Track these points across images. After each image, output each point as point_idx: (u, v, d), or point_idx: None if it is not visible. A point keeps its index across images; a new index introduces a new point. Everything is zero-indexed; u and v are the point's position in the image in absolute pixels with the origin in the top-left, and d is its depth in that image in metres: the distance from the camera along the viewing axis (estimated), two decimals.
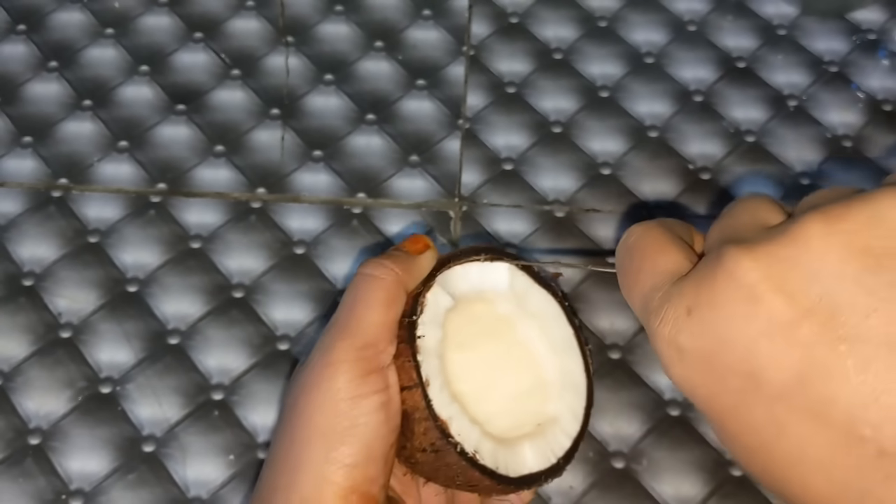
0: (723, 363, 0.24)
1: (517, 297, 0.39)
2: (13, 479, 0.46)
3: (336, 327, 0.36)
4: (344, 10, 0.61)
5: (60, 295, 0.51)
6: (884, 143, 0.55)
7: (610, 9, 0.61)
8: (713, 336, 0.24)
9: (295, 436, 0.35)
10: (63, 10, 0.61)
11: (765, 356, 0.23)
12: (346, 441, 0.34)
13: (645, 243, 0.30)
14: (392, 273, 0.36)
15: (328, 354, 0.35)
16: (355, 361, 0.35)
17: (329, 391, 0.34)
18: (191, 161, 0.55)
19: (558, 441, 0.38)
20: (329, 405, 0.34)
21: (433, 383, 0.36)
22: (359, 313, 0.35)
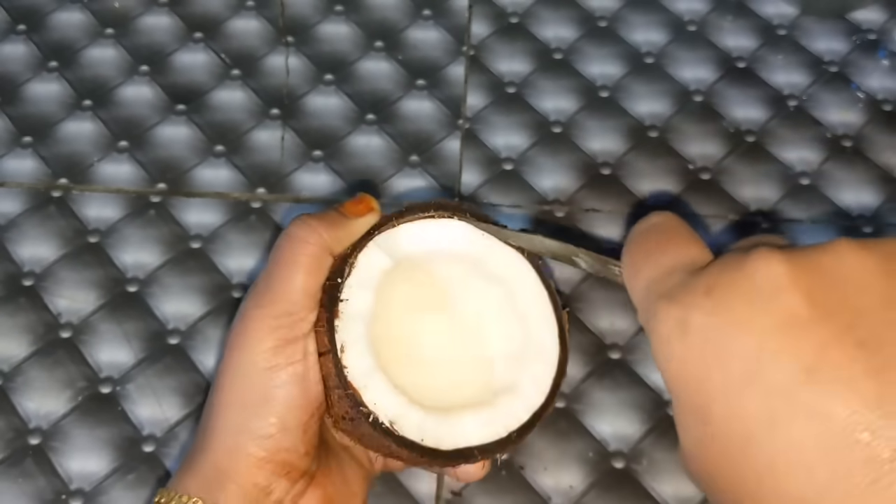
0: (730, 346, 0.24)
1: (476, 259, 0.37)
2: (13, 479, 0.46)
3: (255, 292, 0.35)
4: (344, 10, 0.61)
5: (60, 295, 0.51)
6: (884, 143, 0.55)
7: (610, 9, 0.61)
8: (727, 317, 0.24)
9: (213, 401, 0.35)
10: (63, 10, 0.61)
11: (775, 346, 0.23)
12: (259, 412, 0.34)
13: (663, 228, 0.29)
14: (317, 236, 0.35)
15: (245, 321, 0.35)
16: (272, 330, 0.34)
17: (244, 361, 0.34)
18: (191, 161, 0.55)
19: (514, 413, 0.36)
20: (244, 375, 0.34)
21: (351, 350, 0.34)
22: (277, 279, 0.35)
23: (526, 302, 0.37)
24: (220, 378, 0.35)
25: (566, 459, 0.46)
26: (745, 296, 0.24)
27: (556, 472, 0.46)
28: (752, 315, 0.24)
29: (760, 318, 0.24)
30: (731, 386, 0.24)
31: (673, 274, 0.27)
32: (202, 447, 0.35)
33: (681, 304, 0.26)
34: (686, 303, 0.25)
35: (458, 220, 0.37)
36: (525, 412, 0.36)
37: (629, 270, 0.29)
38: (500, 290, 0.37)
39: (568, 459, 0.46)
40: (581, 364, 0.48)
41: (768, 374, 0.23)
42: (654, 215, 0.30)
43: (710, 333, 0.25)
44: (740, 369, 0.24)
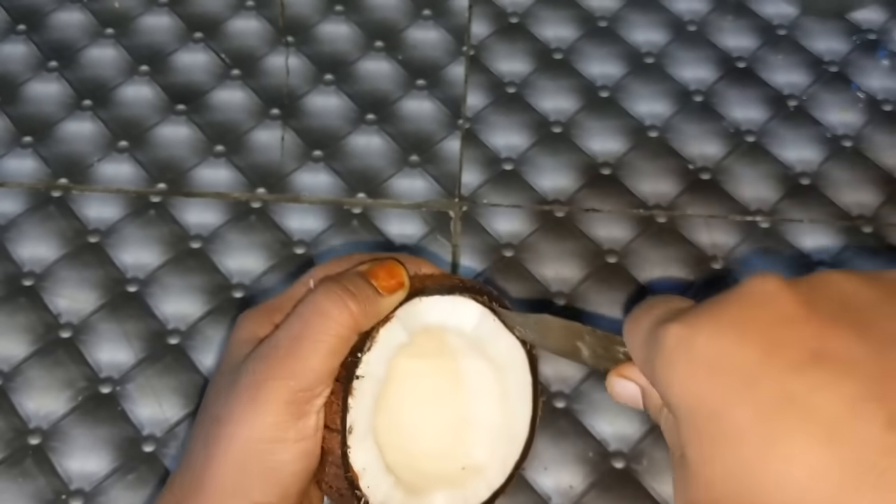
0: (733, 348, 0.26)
1: (480, 340, 0.38)
2: (13, 479, 0.46)
3: (273, 358, 0.34)
4: (344, 10, 0.61)
5: (60, 295, 0.51)
6: (884, 143, 0.55)
7: (610, 9, 0.61)
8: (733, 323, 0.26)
9: (210, 454, 0.34)
10: (63, 10, 0.61)
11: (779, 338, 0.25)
12: (263, 481, 0.33)
13: (661, 296, 0.31)
14: (348, 315, 0.34)
15: (260, 390, 0.33)
16: (286, 405, 0.33)
17: (253, 428, 0.33)
18: (191, 161, 0.55)
19: (476, 491, 0.38)
20: (250, 441, 0.33)
21: (357, 428, 0.34)
22: (299, 354, 0.33)
23: (513, 386, 0.38)
24: (220, 435, 0.34)
25: (566, 459, 0.46)
26: (746, 303, 0.26)
27: (556, 472, 0.46)
28: (755, 316, 0.26)
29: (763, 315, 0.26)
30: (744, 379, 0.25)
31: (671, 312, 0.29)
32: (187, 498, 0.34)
33: (684, 323, 0.27)
34: (690, 321, 0.27)
35: (474, 301, 0.37)
36: (486, 491, 0.38)
37: (629, 329, 0.30)
38: (494, 371, 0.38)
39: (568, 459, 0.46)
40: (581, 364, 0.48)
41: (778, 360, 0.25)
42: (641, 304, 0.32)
43: (717, 341, 0.26)
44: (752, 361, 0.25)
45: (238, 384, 0.34)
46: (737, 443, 0.25)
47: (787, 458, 0.24)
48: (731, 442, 0.25)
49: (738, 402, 0.25)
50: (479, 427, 0.39)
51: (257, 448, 0.33)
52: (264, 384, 0.33)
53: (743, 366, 0.25)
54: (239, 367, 0.35)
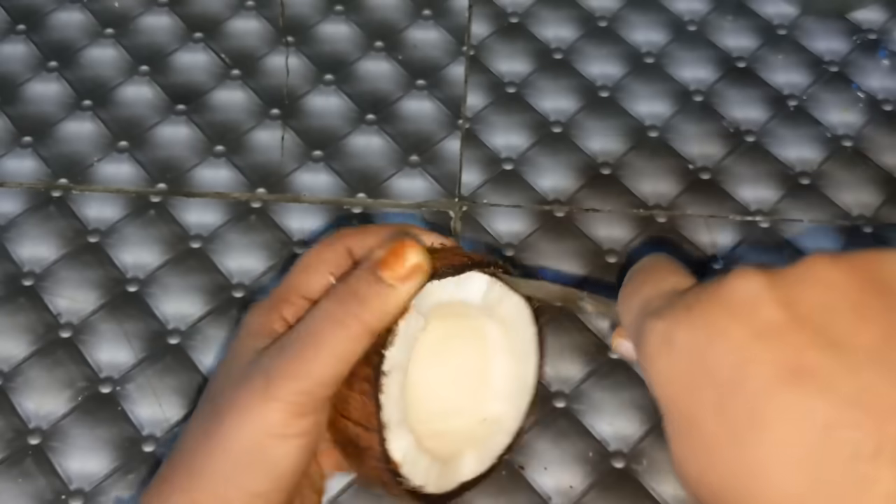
0: (713, 356, 0.25)
1: (488, 304, 0.38)
2: (13, 479, 0.46)
3: (284, 360, 0.34)
4: (344, 10, 0.61)
5: (60, 295, 0.51)
6: (884, 143, 0.55)
7: (610, 9, 0.61)
8: (709, 329, 0.25)
9: (211, 443, 0.34)
10: (63, 10, 0.61)
11: (756, 352, 0.24)
12: (259, 473, 0.33)
13: (655, 263, 0.31)
14: (359, 325, 0.33)
15: (268, 387, 0.33)
16: (292, 403, 0.33)
17: (258, 422, 0.33)
18: (191, 161, 0.55)
19: (497, 440, 0.40)
20: (254, 436, 0.33)
21: (391, 420, 0.35)
22: (310, 358, 0.33)
23: (520, 341, 0.40)
24: (221, 424, 0.34)
25: (566, 459, 0.46)
26: (724, 308, 0.25)
27: (556, 472, 0.46)
28: (732, 325, 0.25)
29: (740, 327, 0.25)
30: (717, 394, 0.25)
31: (658, 297, 0.28)
32: (181, 485, 0.34)
33: (665, 319, 0.27)
34: (670, 319, 0.27)
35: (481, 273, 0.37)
36: (506, 437, 0.40)
37: (622, 306, 0.31)
38: (501, 329, 0.39)
39: (568, 459, 0.46)
40: (581, 364, 0.49)
41: (751, 380, 0.24)
42: (645, 257, 0.32)
43: (694, 346, 0.26)
44: (725, 378, 0.25)
45: (248, 378, 0.34)
46: (710, 454, 0.25)
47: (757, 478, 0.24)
48: (706, 452, 0.26)
49: (713, 416, 0.25)
50: (495, 381, 0.40)
51: (260, 442, 0.33)
52: (273, 382, 0.33)
53: (718, 380, 0.25)
54: (251, 361, 0.35)
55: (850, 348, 0.23)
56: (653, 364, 0.27)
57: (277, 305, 0.36)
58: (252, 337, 0.36)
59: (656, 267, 0.31)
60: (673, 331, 0.26)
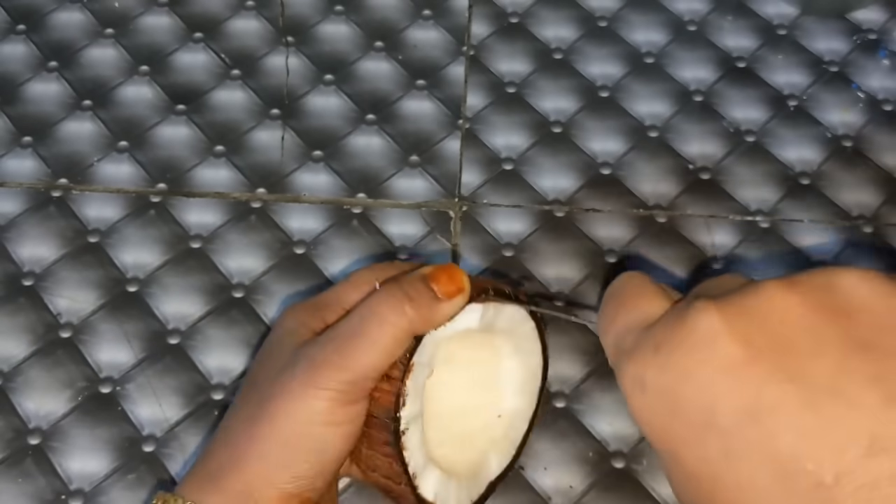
0: (683, 398, 0.26)
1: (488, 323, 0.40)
2: (13, 479, 0.46)
3: (332, 351, 0.36)
4: (344, 10, 0.61)
5: (60, 295, 0.51)
6: (884, 143, 0.55)
7: (610, 9, 0.61)
8: (676, 372, 0.26)
9: (257, 429, 0.36)
10: (63, 10, 0.61)
11: (720, 392, 0.25)
12: (305, 457, 0.35)
13: (625, 288, 0.32)
14: (406, 321, 0.36)
15: (315, 375, 0.35)
16: (339, 391, 0.35)
17: (305, 410, 0.35)
18: (191, 161, 0.55)
19: (517, 428, 0.42)
20: (301, 422, 0.35)
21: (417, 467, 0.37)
22: (358, 350, 0.35)
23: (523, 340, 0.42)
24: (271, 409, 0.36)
25: (566, 459, 0.46)
26: (687, 348, 0.26)
27: (556, 472, 0.46)
28: (695, 365, 0.26)
29: (703, 367, 0.26)
30: (691, 433, 0.26)
31: (630, 332, 0.29)
32: (229, 466, 0.36)
33: (635, 362, 0.28)
34: (639, 361, 0.28)
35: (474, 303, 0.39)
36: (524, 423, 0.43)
37: (602, 338, 0.32)
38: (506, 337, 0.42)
39: (568, 459, 0.46)
40: (581, 364, 0.48)
41: (719, 418, 0.25)
42: (619, 277, 0.33)
43: (663, 388, 0.27)
44: (695, 418, 0.26)
45: (295, 367, 0.36)
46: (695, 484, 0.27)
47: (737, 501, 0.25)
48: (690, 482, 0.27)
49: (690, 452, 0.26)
50: (506, 380, 0.42)
51: (307, 428, 0.35)
52: (319, 371, 0.35)
53: (690, 419, 0.26)
54: (296, 352, 0.36)
55: (807, 381, 0.24)
56: (630, 403, 0.28)
57: (320, 310, 0.39)
58: (293, 333, 0.38)
59: (626, 293, 0.31)
60: (643, 374, 0.27)
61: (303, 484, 0.35)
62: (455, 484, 0.39)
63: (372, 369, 0.35)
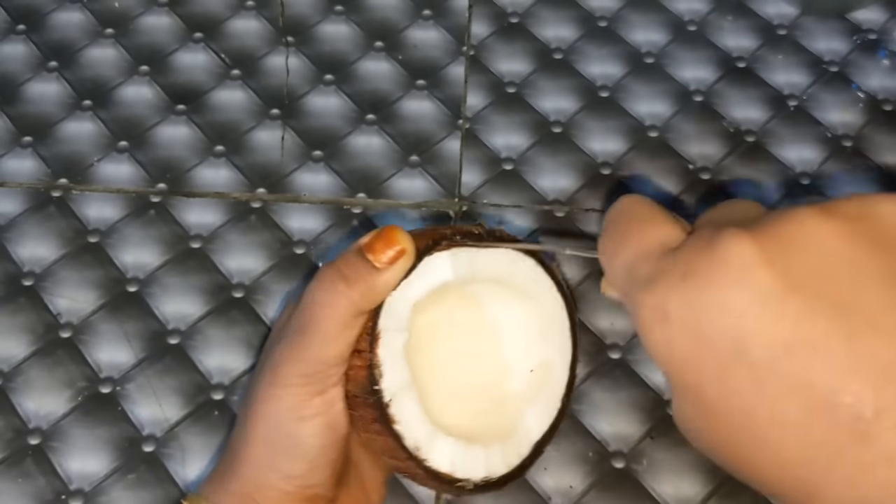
0: (712, 328, 0.25)
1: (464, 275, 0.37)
2: (13, 479, 0.46)
3: (286, 345, 0.35)
4: (344, 10, 0.61)
5: (60, 295, 0.51)
6: (884, 143, 0.55)
7: (610, 9, 0.61)
8: (705, 302, 0.25)
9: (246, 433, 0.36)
10: (63, 10, 0.61)
11: (753, 325, 0.24)
12: (288, 455, 0.35)
13: (633, 211, 0.30)
14: (345, 301, 0.34)
15: (275, 375, 0.35)
16: (301, 386, 0.35)
17: (274, 410, 0.35)
18: (191, 161, 0.55)
19: (557, 379, 0.39)
20: (273, 423, 0.35)
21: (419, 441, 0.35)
22: (308, 339, 0.34)
23: (523, 280, 0.38)
24: (248, 415, 0.36)
25: (566, 459, 0.46)
26: (719, 278, 0.25)
27: (556, 472, 0.46)
28: (728, 296, 0.25)
29: (736, 297, 0.24)
30: (719, 366, 0.25)
31: (645, 258, 0.28)
32: (232, 471, 0.36)
33: (656, 291, 0.26)
34: (661, 290, 0.26)
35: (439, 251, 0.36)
36: (564, 371, 0.39)
37: (605, 256, 0.30)
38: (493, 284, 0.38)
39: (568, 459, 0.46)
40: (581, 364, 0.48)
41: (751, 352, 0.24)
42: (622, 200, 0.31)
43: (690, 318, 0.25)
44: (725, 349, 0.25)
45: (263, 370, 0.36)
46: (713, 419, 0.26)
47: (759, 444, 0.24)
48: (708, 416, 0.26)
49: (714, 385, 0.25)
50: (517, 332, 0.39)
51: (283, 426, 0.35)
52: (279, 369, 0.35)
53: (718, 351, 0.25)
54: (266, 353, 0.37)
55: (846, 314, 0.23)
56: (649, 336, 0.27)
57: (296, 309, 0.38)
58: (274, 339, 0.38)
59: (635, 217, 0.30)
60: (666, 303, 0.26)
61: (298, 482, 0.35)
62: (483, 450, 0.37)
63: (327, 356, 0.34)
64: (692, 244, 0.26)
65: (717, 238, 0.25)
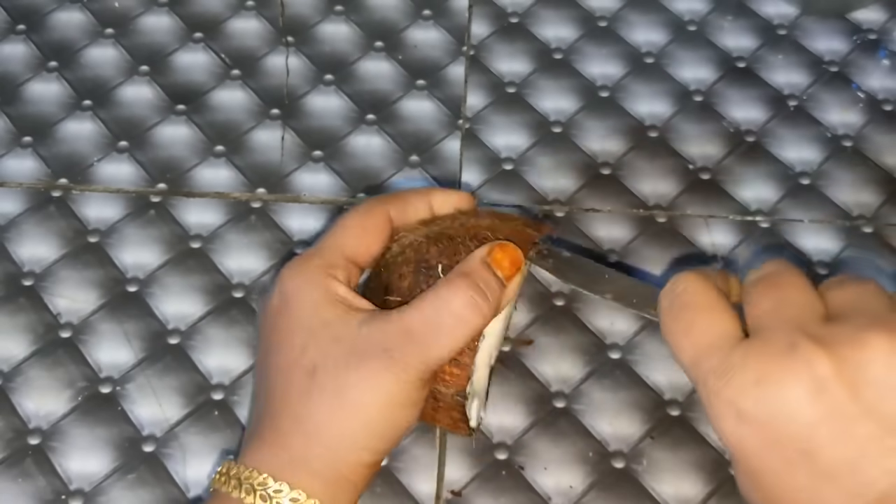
0: (781, 434, 0.28)
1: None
2: (13, 479, 0.46)
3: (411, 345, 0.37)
4: (344, 10, 0.61)
5: (60, 295, 0.51)
6: (884, 143, 0.55)
7: (610, 9, 0.61)
8: (777, 410, 0.28)
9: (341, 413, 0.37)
10: (63, 10, 0.61)
11: (823, 440, 0.27)
12: (387, 436, 0.37)
13: (694, 298, 0.32)
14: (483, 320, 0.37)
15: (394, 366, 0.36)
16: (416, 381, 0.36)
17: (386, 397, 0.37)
18: (191, 161, 0.55)
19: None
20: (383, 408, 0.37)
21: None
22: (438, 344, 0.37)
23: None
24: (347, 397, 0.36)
25: (566, 459, 0.46)
26: (795, 391, 0.27)
27: (556, 472, 0.46)
28: (803, 408, 0.27)
29: (808, 412, 0.27)
30: (783, 464, 0.28)
31: (714, 350, 0.30)
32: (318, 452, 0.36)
33: (731, 389, 0.29)
34: (735, 389, 0.29)
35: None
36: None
37: (671, 340, 0.32)
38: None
39: (568, 459, 0.46)
40: (581, 364, 0.49)
41: (819, 459, 0.27)
42: (678, 280, 0.33)
43: (762, 421, 0.28)
44: (793, 451, 0.28)
45: (368, 356, 0.36)
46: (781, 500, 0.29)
47: None
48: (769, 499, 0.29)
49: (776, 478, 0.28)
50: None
51: (388, 411, 0.36)
52: (398, 364, 0.36)
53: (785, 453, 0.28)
54: (360, 335, 0.37)
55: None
56: (720, 423, 0.29)
57: (330, 270, 0.39)
58: (331, 306, 0.38)
59: (698, 305, 0.32)
60: (740, 403, 0.28)
61: (380, 456, 0.38)
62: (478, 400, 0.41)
63: (448, 359, 0.37)
64: (766, 348, 0.29)
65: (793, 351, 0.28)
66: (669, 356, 0.49)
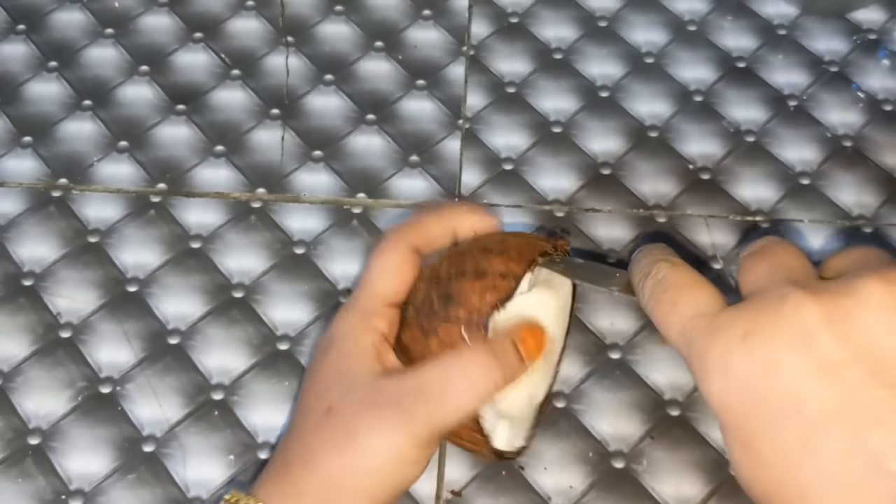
0: (767, 386, 0.27)
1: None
2: (13, 479, 0.46)
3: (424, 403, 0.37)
4: (344, 10, 0.61)
5: (60, 295, 0.51)
6: (884, 143, 0.55)
7: (610, 9, 0.61)
8: (764, 361, 0.27)
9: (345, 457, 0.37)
10: (63, 10, 0.61)
11: (811, 389, 0.26)
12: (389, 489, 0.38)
13: (677, 278, 0.32)
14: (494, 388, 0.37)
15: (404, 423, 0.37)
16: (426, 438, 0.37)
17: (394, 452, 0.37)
18: (191, 161, 0.55)
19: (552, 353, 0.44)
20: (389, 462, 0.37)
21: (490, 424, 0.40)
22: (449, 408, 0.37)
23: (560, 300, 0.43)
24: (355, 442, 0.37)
25: (566, 459, 0.46)
26: (781, 340, 0.27)
27: (556, 472, 0.46)
28: (787, 360, 0.27)
29: (798, 361, 0.26)
30: (771, 419, 0.27)
31: (700, 317, 0.30)
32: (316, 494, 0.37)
33: (718, 345, 0.28)
34: (723, 345, 0.28)
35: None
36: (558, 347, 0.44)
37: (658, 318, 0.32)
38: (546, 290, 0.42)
39: (568, 459, 0.46)
40: (581, 364, 0.49)
41: (807, 411, 0.26)
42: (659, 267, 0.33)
43: (749, 375, 0.27)
44: (779, 405, 0.27)
45: (381, 409, 0.37)
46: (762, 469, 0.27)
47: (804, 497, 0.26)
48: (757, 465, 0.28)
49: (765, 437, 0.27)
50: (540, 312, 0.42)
51: (394, 466, 0.37)
52: (410, 421, 0.37)
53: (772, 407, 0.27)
54: (377, 388, 0.38)
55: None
56: (707, 385, 0.29)
57: (369, 318, 0.40)
58: (358, 356, 0.39)
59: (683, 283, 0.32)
60: (727, 359, 0.28)
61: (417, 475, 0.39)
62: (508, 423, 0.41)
63: (456, 423, 0.38)
64: (755, 303, 0.28)
65: (781, 300, 0.27)
66: (670, 356, 0.49)
